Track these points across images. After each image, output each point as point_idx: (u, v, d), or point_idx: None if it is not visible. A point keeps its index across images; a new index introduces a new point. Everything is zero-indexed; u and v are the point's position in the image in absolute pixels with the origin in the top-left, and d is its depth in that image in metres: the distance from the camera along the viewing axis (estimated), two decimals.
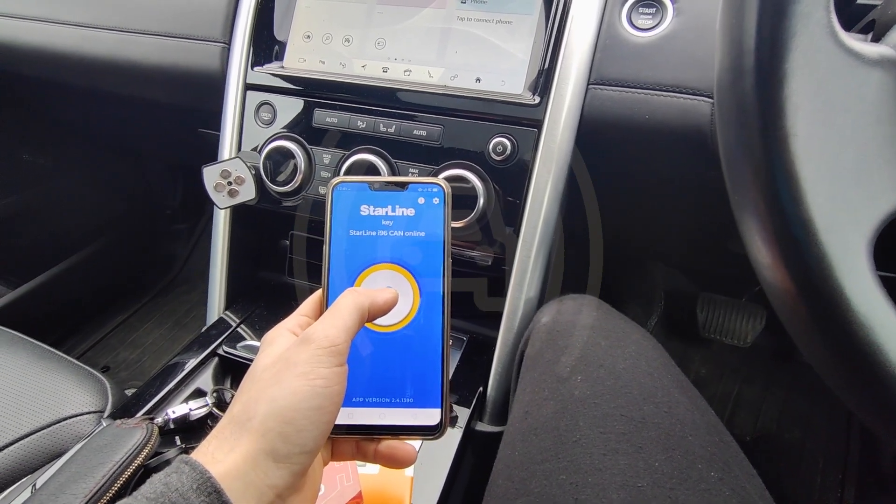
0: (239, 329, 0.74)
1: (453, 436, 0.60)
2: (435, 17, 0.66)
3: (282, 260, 0.86)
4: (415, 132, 0.67)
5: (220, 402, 0.63)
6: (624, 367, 0.49)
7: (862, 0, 0.47)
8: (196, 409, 0.61)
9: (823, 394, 1.06)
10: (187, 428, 0.60)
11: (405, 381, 0.35)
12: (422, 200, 0.37)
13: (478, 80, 0.65)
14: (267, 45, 0.73)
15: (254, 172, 0.70)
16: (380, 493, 0.52)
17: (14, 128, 1.12)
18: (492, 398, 0.67)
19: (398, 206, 0.36)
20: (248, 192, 0.71)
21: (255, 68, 0.73)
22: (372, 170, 0.67)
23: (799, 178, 0.28)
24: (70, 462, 0.48)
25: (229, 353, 0.70)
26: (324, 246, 0.36)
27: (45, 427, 0.58)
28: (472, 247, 0.68)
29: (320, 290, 0.37)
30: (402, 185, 0.37)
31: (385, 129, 0.68)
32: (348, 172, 0.68)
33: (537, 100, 0.62)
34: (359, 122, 0.68)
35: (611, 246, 0.72)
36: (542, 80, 0.62)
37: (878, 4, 0.44)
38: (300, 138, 0.71)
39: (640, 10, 0.61)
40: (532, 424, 0.47)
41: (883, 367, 0.28)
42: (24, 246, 1.16)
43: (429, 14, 0.66)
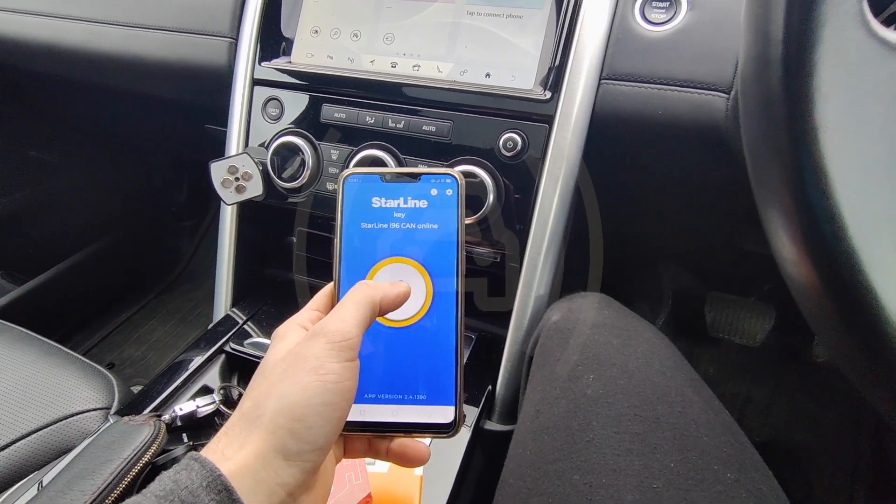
0: (246, 326, 0.74)
1: (463, 434, 0.59)
2: (444, 11, 0.65)
3: (288, 257, 0.85)
4: (424, 128, 0.66)
5: (227, 400, 0.63)
6: (636, 366, 0.48)
7: None
8: (203, 406, 0.60)
9: (833, 395, 1.05)
10: (194, 425, 0.60)
11: (418, 378, 0.35)
12: (435, 192, 0.35)
13: (487, 75, 0.64)
14: (274, 40, 0.72)
15: (261, 168, 0.70)
16: (389, 493, 0.52)
17: (21, 124, 1.12)
18: (501, 396, 0.66)
19: (410, 198, 0.35)
20: (255, 188, 0.70)
21: (262, 63, 0.72)
22: (380, 165, 0.66)
23: (828, 171, 0.27)
24: (77, 459, 0.48)
25: (236, 350, 0.69)
26: (335, 239, 0.35)
27: (51, 423, 0.58)
28: (481, 243, 0.67)
29: (331, 283, 0.36)
30: (415, 177, 0.36)
31: (394, 125, 0.67)
32: None
33: (548, 95, 0.61)
34: (367, 118, 0.68)
35: (619, 245, 0.71)
36: (554, 76, 0.61)
37: None
38: (308, 134, 0.70)
39: (654, 4, 0.61)
40: (543, 423, 0.47)
41: None
42: (30, 242, 1.16)
43: (438, 8, 0.66)
